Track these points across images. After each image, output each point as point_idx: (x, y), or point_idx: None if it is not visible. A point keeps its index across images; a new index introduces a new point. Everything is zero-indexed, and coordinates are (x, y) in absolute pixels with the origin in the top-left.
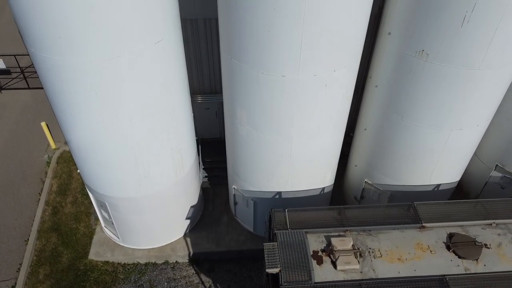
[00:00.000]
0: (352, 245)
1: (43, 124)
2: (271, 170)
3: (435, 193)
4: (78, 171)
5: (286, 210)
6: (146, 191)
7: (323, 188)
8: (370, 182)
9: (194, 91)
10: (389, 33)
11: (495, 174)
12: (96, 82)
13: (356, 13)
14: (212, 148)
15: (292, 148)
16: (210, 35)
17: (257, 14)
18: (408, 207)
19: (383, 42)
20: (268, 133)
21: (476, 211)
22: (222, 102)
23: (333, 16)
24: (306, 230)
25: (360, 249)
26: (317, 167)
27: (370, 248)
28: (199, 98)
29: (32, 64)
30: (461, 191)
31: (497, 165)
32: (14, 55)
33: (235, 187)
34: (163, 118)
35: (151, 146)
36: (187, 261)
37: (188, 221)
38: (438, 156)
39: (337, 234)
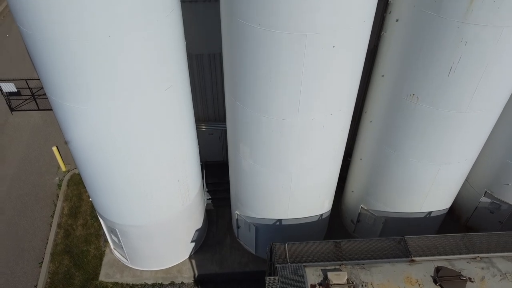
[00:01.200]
0: (347, 279)
1: (54, 149)
2: (272, 200)
3: (427, 220)
4: (90, 199)
5: (286, 244)
6: (154, 219)
7: (321, 215)
8: (365, 208)
9: (198, 119)
10: (383, 76)
11: (484, 199)
12: (110, 124)
13: (351, 71)
14: (216, 171)
15: (292, 181)
16: (214, 68)
17: (260, 69)
18: (399, 241)
19: (377, 83)
20: (269, 168)
21: (462, 244)
22: (225, 129)
23: (329, 73)
24: (304, 264)
25: (354, 283)
26: (315, 196)
27: (363, 281)
28: (203, 126)
29: (42, 87)
30: (453, 214)
31: (486, 191)
32: (26, 80)
33: (238, 213)
34: (171, 153)
35: (159, 179)
36: (192, 282)
37: (193, 244)
38: (428, 187)
39: (333, 267)
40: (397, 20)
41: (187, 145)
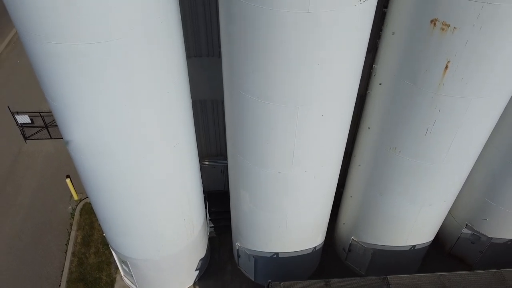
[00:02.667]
0: None
1: (68, 181)
2: (269, 236)
3: (412, 251)
4: (104, 234)
5: (282, 283)
6: (162, 254)
7: (315, 247)
8: (356, 240)
9: (202, 155)
10: (369, 128)
11: (466, 231)
12: (127, 177)
13: (338, 132)
14: (217, 199)
15: (287, 221)
16: (216, 112)
17: (259, 132)
18: (382, 280)
19: (364, 133)
20: (267, 211)
21: (440, 283)
22: (226, 165)
23: (318, 135)
24: None
25: None
26: (309, 233)
27: None
28: (207, 162)
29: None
30: (438, 241)
31: (467, 224)
32: (39, 112)
33: (239, 244)
34: (178, 197)
35: (167, 218)
36: None
37: (197, 271)
38: (411, 225)
39: None
40: (380, 84)
41: (193, 188)
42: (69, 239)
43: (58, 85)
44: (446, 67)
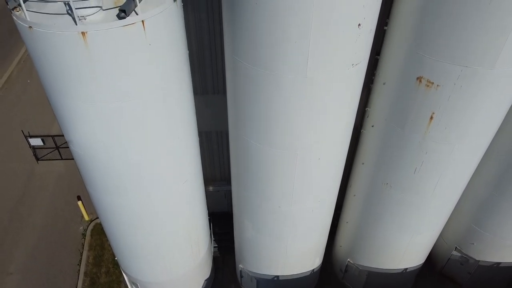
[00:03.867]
0: None
1: (79, 203)
2: (270, 260)
3: (405, 274)
4: (116, 258)
5: None
6: (170, 276)
7: (313, 269)
8: (352, 262)
9: (206, 180)
10: (363, 163)
11: (455, 253)
12: (139, 210)
13: (334, 174)
14: (221, 220)
15: (287, 247)
16: (221, 141)
17: (261, 172)
18: None
19: (359, 168)
20: (268, 237)
21: None
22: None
23: (316, 176)
24: None
25: None
26: (307, 258)
27: None
28: (211, 188)
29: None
30: (430, 261)
31: (456, 247)
32: (52, 136)
33: (241, 266)
34: (186, 227)
35: (176, 245)
36: None
37: None
38: (403, 250)
39: None
40: (372, 126)
41: (199, 219)
42: (81, 259)
43: (79, 133)
44: (431, 117)
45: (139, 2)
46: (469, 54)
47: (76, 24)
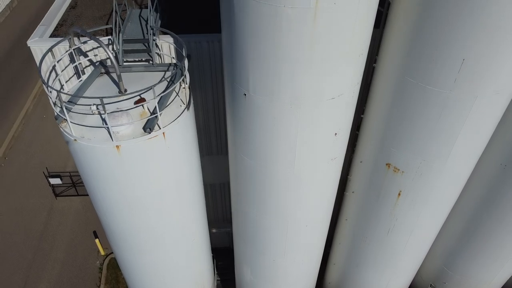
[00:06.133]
0: None
1: (96, 241)
2: None
3: None
4: None
5: None
6: None
7: None
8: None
9: (210, 222)
10: (346, 219)
11: None
12: (152, 265)
13: (320, 235)
14: (223, 254)
15: None
16: (224, 191)
17: (257, 236)
18: None
19: (343, 223)
20: (264, 281)
21: None
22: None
23: (305, 239)
24: None
25: None
26: None
27: None
28: (214, 230)
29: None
30: None
31: (431, 284)
32: (69, 172)
33: None
34: (193, 273)
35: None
36: None
37: None
38: None
39: None
40: (353, 192)
41: (205, 264)
42: None
43: (110, 211)
44: (399, 194)
45: (160, 115)
46: (427, 150)
47: (112, 140)
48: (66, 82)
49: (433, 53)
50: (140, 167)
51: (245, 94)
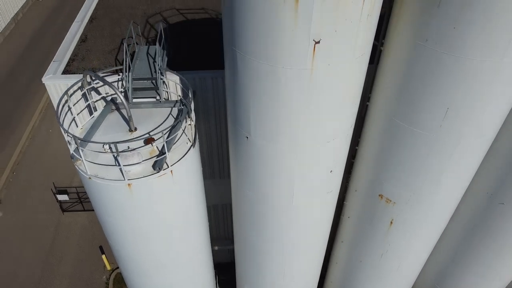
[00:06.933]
0: None
1: (103, 256)
2: None
3: None
4: None
5: None
6: None
7: None
8: None
9: (212, 239)
10: (342, 241)
11: None
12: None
13: (315, 269)
14: (225, 268)
15: None
16: (226, 211)
17: (258, 256)
18: None
19: (339, 246)
20: None
21: None
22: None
23: (302, 263)
24: None
25: None
26: None
27: None
28: (216, 247)
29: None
30: None
31: None
32: (76, 187)
33: None
34: None
35: None
36: None
37: None
38: None
39: None
40: (348, 217)
41: (207, 281)
42: None
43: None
44: (391, 222)
45: (168, 153)
46: (416, 184)
47: (124, 179)
48: (78, 114)
49: (420, 101)
50: (148, 201)
51: (247, 137)
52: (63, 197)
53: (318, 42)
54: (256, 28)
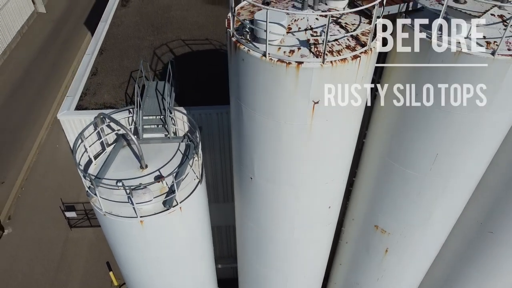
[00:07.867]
0: None
1: (111, 273)
2: None
3: None
4: None
5: None
6: None
7: None
8: None
9: (216, 257)
10: (340, 264)
11: None
12: None
13: (316, 282)
14: (228, 285)
15: None
16: (230, 233)
17: (259, 277)
18: None
19: (336, 268)
20: None
21: None
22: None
23: (302, 283)
24: None
25: None
26: None
27: None
28: (219, 265)
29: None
30: None
31: None
32: (83, 203)
33: None
34: None
35: None
36: None
37: None
38: None
39: None
40: (346, 243)
41: None
42: None
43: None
44: (386, 250)
45: (178, 191)
46: (409, 218)
47: (137, 216)
48: (90, 146)
49: (411, 147)
50: (158, 235)
51: (251, 178)
52: (71, 214)
53: (317, 102)
54: (260, 91)
